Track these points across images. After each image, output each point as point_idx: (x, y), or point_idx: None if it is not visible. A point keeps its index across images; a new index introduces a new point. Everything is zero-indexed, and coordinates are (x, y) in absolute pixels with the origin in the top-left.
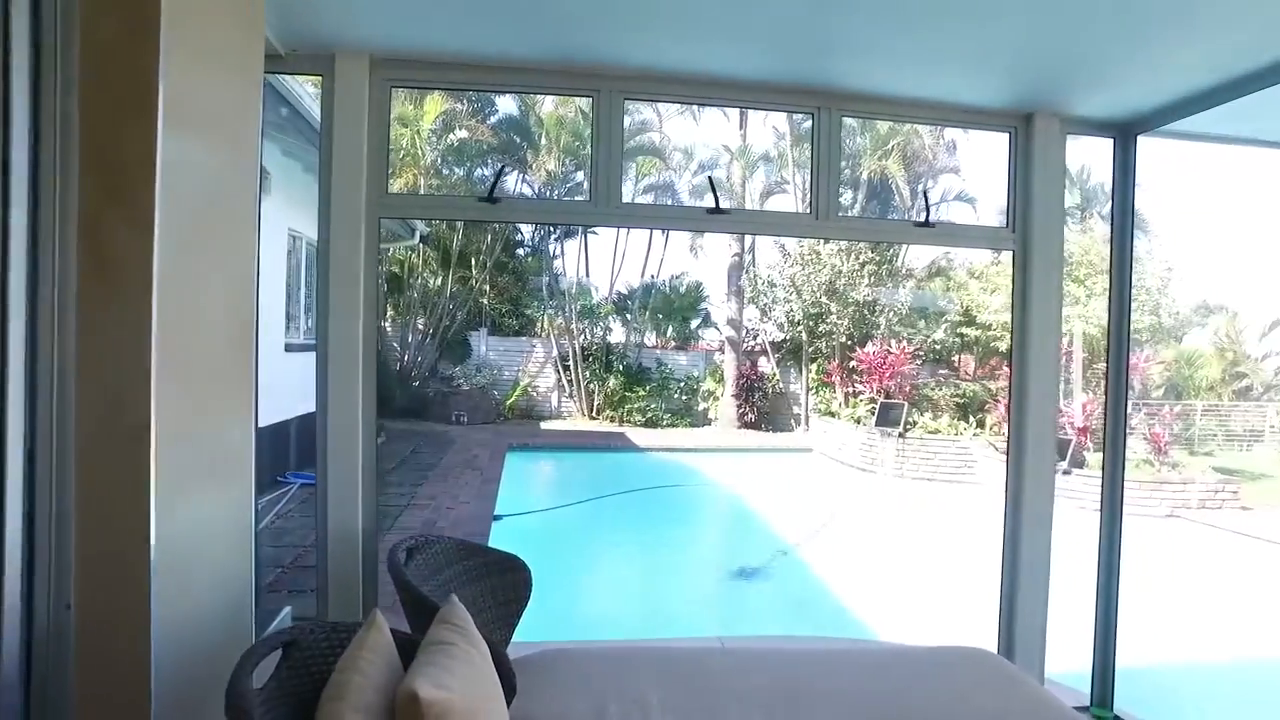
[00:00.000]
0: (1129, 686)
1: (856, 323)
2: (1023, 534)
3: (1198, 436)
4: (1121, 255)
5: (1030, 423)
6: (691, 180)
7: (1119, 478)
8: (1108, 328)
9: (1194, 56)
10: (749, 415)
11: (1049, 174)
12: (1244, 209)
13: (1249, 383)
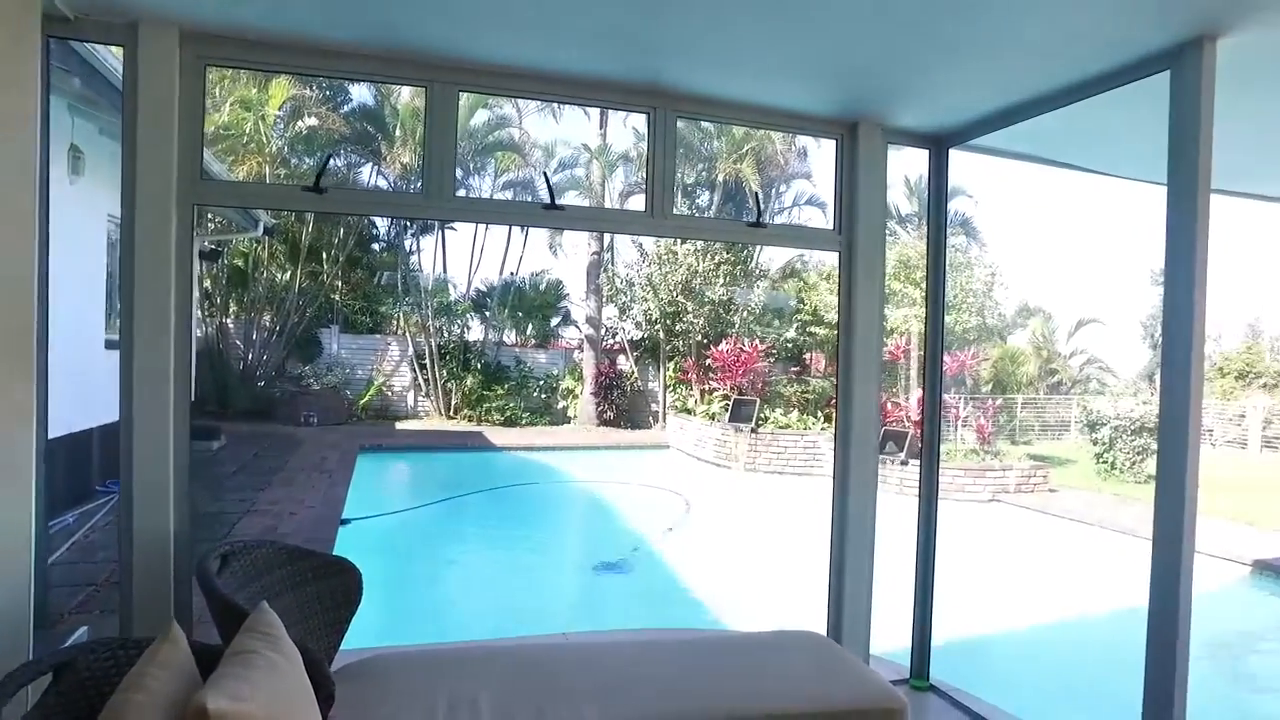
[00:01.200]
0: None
1: (712, 321)
2: (849, 521)
3: (1019, 427)
4: (937, 259)
5: (855, 416)
6: (553, 178)
7: (935, 467)
8: (925, 327)
9: (993, 78)
10: (608, 413)
11: (872, 180)
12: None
13: (1060, 378)
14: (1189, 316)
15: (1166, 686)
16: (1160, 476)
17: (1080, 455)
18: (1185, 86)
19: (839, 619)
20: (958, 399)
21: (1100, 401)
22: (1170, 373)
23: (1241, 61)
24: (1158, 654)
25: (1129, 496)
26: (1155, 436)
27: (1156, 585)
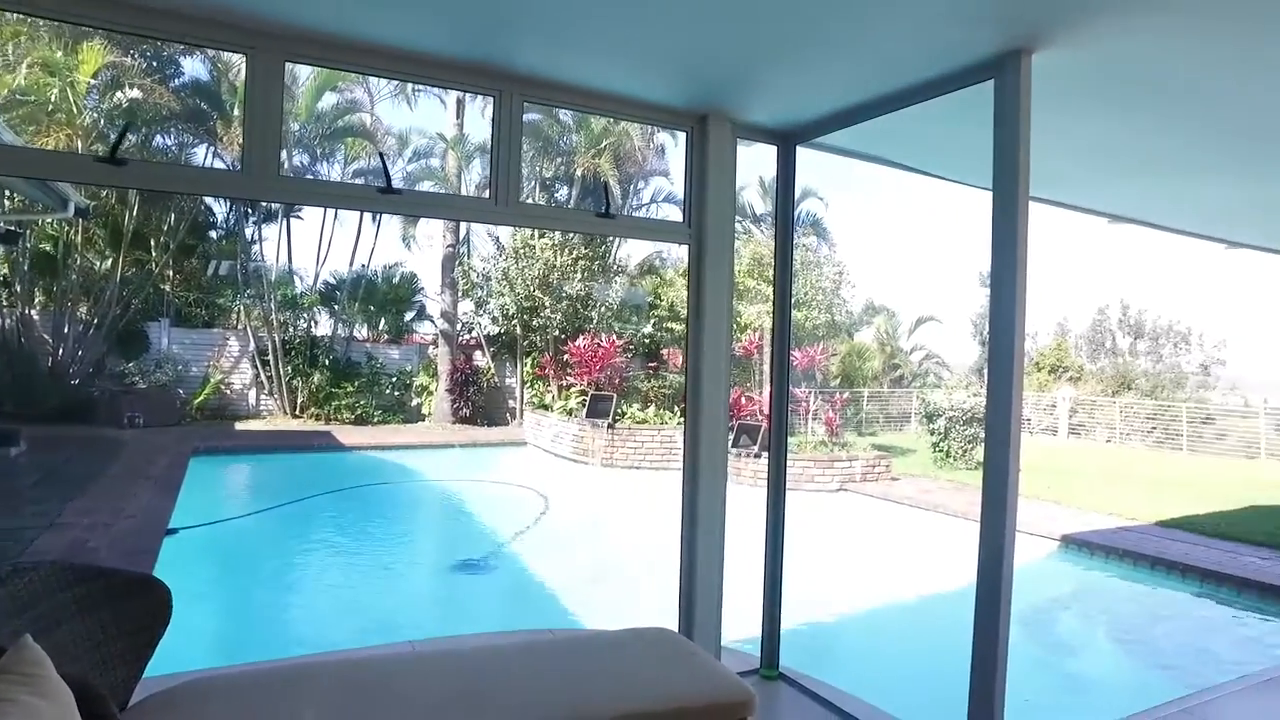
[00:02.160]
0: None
1: (570, 317)
2: (700, 515)
3: (865, 419)
4: (785, 254)
5: (705, 409)
6: (406, 167)
7: (782, 458)
8: (772, 322)
9: (836, 78)
10: (464, 410)
11: (722, 174)
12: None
13: (902, 372)
14: (1011, 315)
15: (990, 654)
16: (987, 462)
17: (919, 445)
18: (1006, 96)
19: (690, 613)
20: (808, 393)
21: (936, 394)
22: (995, 367)
23: (1057, 75)
24: (984, 625)
25: (961, 482)
26: (984, 426)
27: (983, 563)
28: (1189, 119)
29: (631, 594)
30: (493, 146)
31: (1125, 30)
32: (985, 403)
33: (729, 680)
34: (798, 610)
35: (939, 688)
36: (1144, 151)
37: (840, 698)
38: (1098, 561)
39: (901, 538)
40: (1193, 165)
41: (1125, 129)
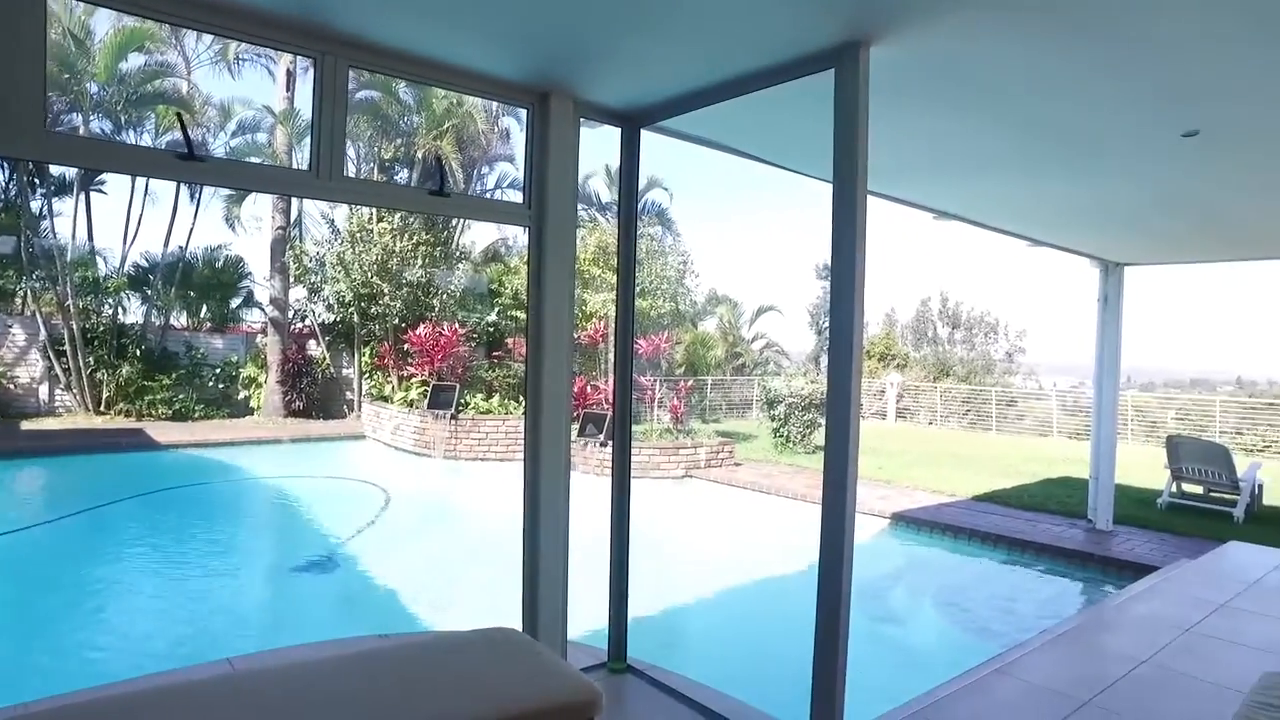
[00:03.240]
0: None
1: (411, 304)
2: (542, 507)
3: (709, 407)
4: (628, 239)
5: (546, 398)
6: (229, 141)
7: (626, 447)
8: (616, 309)
9: (680, 61)
10: (297, 403)
11: (564, 155)
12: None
13: (744, 361)
14: (850, 304)
15: (833, 630)
16: (828, 447)
17: (761, 431)
18: (845, 87)
19: (534, 609)
20: (652, 381)
21: (777, 382)
22: (835, 355)
23: (894, 70)
24: (826, 603)
25: (801, 466)
26: (822, 412)
27: (825, 544)
28: (1007, 121)
29: (478, 590)
30: (314, 114)
31: (956, 29)
32: (825, 390)
33: (573, 679)
34: (647, 600)
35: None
36: (969, 151)
37: (689, 687)
38: (924, 536)
39: (746, 522)
40: (1010, 166)
41: (954, 128)
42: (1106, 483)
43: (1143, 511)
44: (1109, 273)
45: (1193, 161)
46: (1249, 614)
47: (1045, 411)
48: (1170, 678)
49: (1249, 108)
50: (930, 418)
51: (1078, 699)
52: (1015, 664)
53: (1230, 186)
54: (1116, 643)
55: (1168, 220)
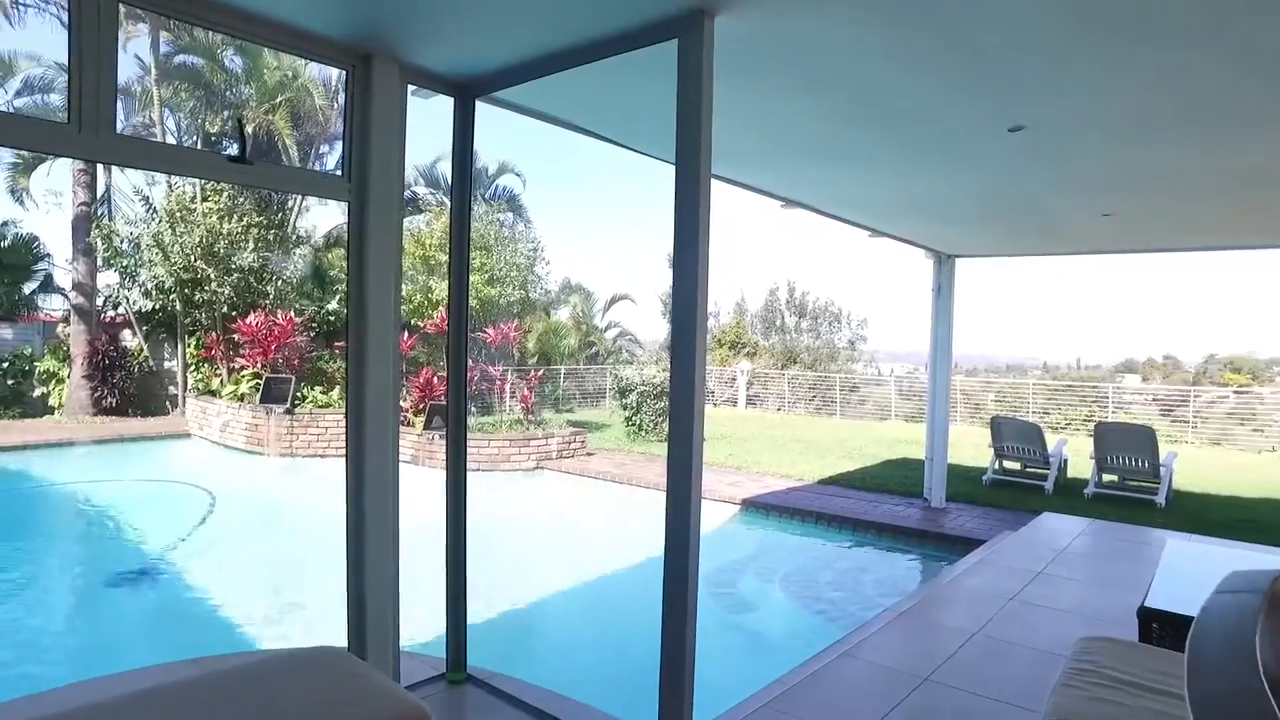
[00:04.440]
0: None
1: (241, 291)
2: (367, 509)
3: (562, 396)
4: (461, 219)
5: (370, 390)
6: (14, 101)
7: (462, 439)
8: (449, 294)
9: (516, 24)
10: (109, 399)
11: (389, 125)
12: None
13: (597, 349)
14: (693, 288)
15: (680, 622)
16: (672, 434)
17: (614, 420)
18: (689, 59)
19: (361, 622)
20: (502, 371)
21: (629, 370)
22: (678, 341)
23: (739, 45)
24: (673, 594)
25: (654, 454)
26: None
27: (671, 533)
28: (850, 109)
29: (314, 598)
30: (71, 56)
31: (800, 5)
32: (669, 376)
33: (398, 701)
34: (493, 602)
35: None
36: (814, 137)
37: (533, 694)
38: (773, 520)
39: (598, 513)
40: (854, 156)
41: (799, 112)
42: (940, 463)
43: (971, 488)
44: (942, 263)
45: (1018, 157)
46: (1061, 579)
47: (884, 396)
48: (999, 647)
49: (1070, 105)
50: (779, 404)
51: (919, 676)
52: (861, 645)
53: (1050, 183)
54: (951, 617)
55: (995, 214)
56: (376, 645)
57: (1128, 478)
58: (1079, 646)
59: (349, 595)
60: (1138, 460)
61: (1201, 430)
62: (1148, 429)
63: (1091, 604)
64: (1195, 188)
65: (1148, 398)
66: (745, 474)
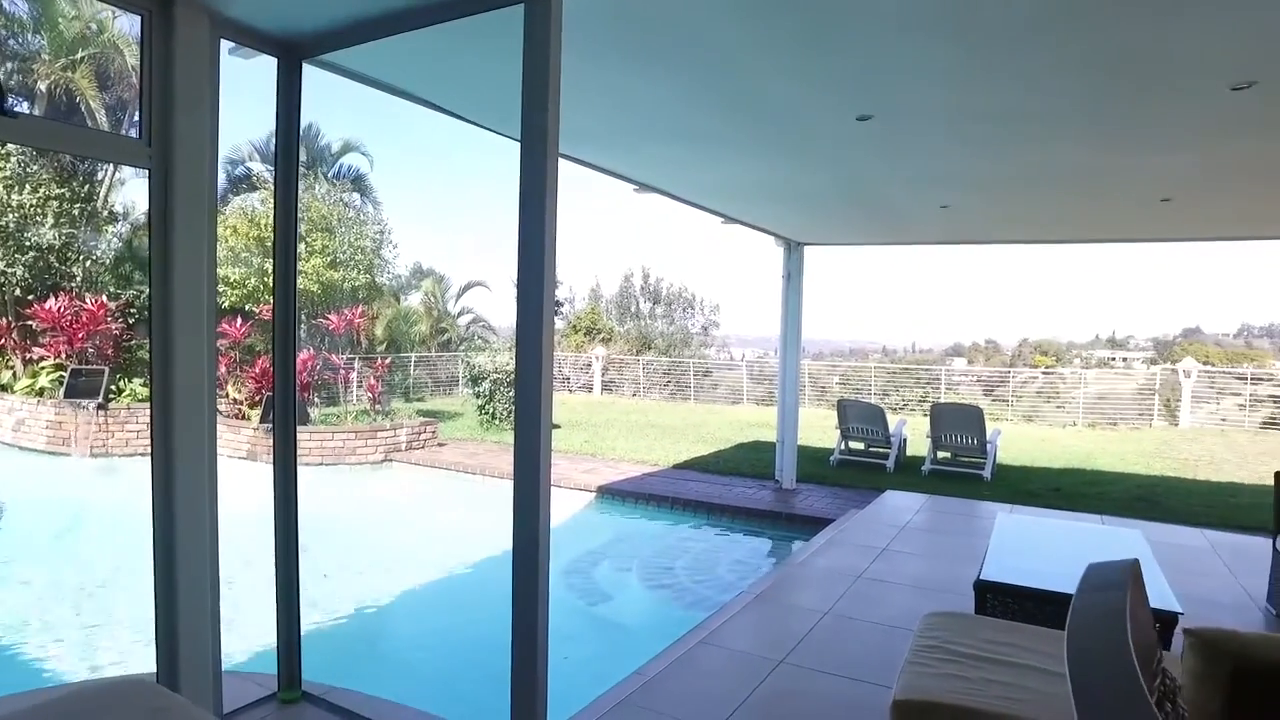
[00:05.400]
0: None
1: (39, 272)
2: (178, 514)
3: (413, 385)
4: (287, 196)
5: (179, 380)
6: None
7: (290, 435)
8: (273, 275)
9: None
10: None
11: (195, 83)
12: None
13: (449, 336)
14: (540, 269)
15: (531, 614)
16: (519, 422)
17: (467, 408)
18: (536, 28)
19: (172, 645)
20: (347, 359)
21: (481, 357)
22: (525, 325)
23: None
24: (523, 585)
25: (507, 443)
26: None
27: (520, 523)
28: (702, 90)
29: (124, 620)
30: None
31: None
32: (515, 362)
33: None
34: (334, 607)
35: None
36: (667, 119)
37: (375, 708)
38: (630, 507)
39: (450, 506)
40: (708, 140)
41: (650, 91)
42: (791, 445)
43: (819, 469)
44: (792, 251)
45: (866, 147)
46: (904, 555)
47: (736, 380)
48: (849, 624)
49: (916, 98)
50: (634, 389)
51: (774, 659)
52: (718, 632)
53: (895, 173)
54: (804, 597)
55: (843, 203)
56: (192, 669)
57: (959, 454)
58: (923, 623)
59: (157, 615)
60: (968, 438)
61: (1016, 408)
62: (976, 409)
63: (932, 577)
64: (1024, 184)
65: (973, 379)
66: (601, 461)
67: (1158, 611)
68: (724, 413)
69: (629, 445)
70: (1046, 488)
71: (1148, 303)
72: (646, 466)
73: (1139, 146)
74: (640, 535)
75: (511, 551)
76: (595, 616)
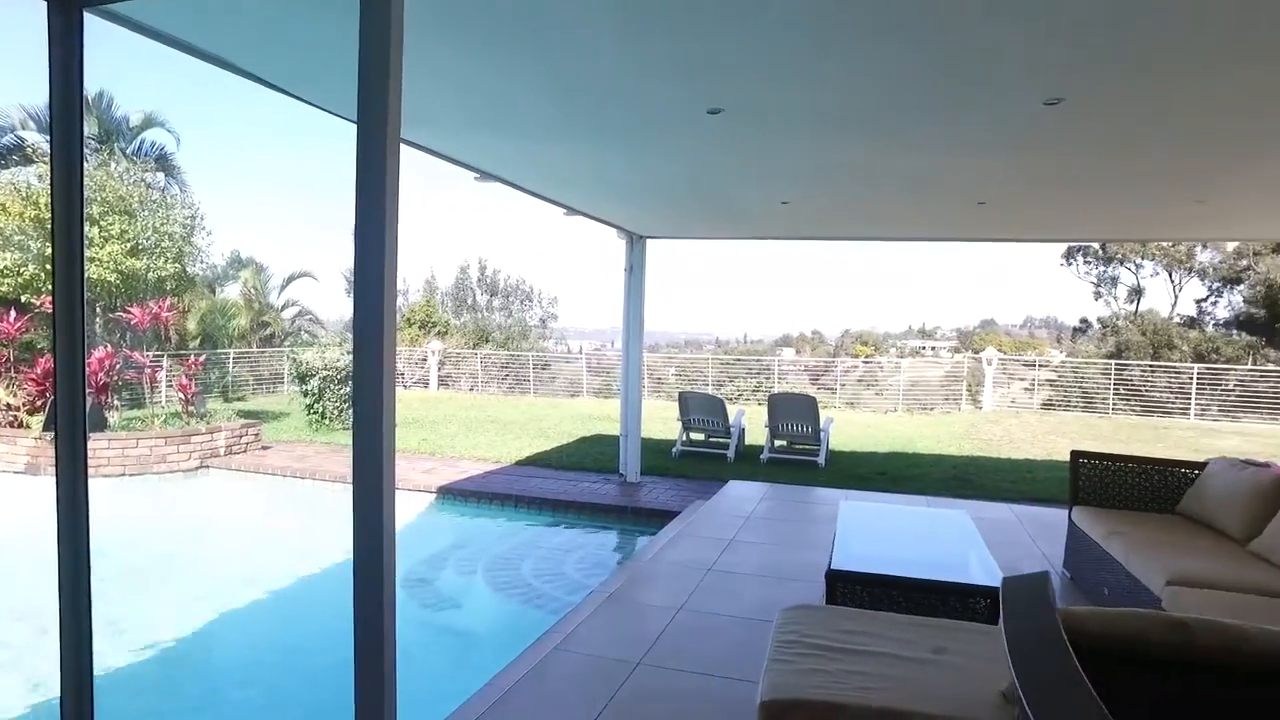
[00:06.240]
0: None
1: None
2: None
3: (232, 383)
4: (68, 171)
5: None
6: None
7: (79, 446)
8: (54, 263)
9: None
10: None
11: None
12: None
13: (273, 330)
14: (380, 259)
15: (376, 628)
16: (357, 422)
17: (295, 408)
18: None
19: None
20: (153, 356)
21: (310, 353)
22: (365, 322)
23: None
24: (366, 598)
25: (340, 444)
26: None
27: (360, 529)
28: (548, 77)
29: None
30: None
31: None
32: (352, 358)
33: None
34: (137, 637)
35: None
36: (511, 104)
37: None
38: (471, 507)
39: (278, 514)
40: (555, 128)
41: (496, 75)
42: (634, 438)
43: (662, 461)
44: (634, 244)
45: (716, 141)
46: (751, 545)
47: (575, 373)
48: (704, 620)
49: (764, 93)
50: (472, 384)
51: (631, 661)
52: (571, 636)
53: (741, 168)
54: (656, 594)
55: (688, 197)
56: None
57: (795, 442)
58: (781, 618)
59: None
60: (803, 426)
61: (841, 395)
62: (811, 398)
63: (780, 566)
64: (861, 183)
65: (801, 368)
66: (440, 459)
67: (989, 588)
68: (564, 406)
69: (469, 442)
70: (874, 471)
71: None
72: (488, 464)
73: (964, 151)
74: (484, 536)
75: (352, 562)
76: (440, 626)
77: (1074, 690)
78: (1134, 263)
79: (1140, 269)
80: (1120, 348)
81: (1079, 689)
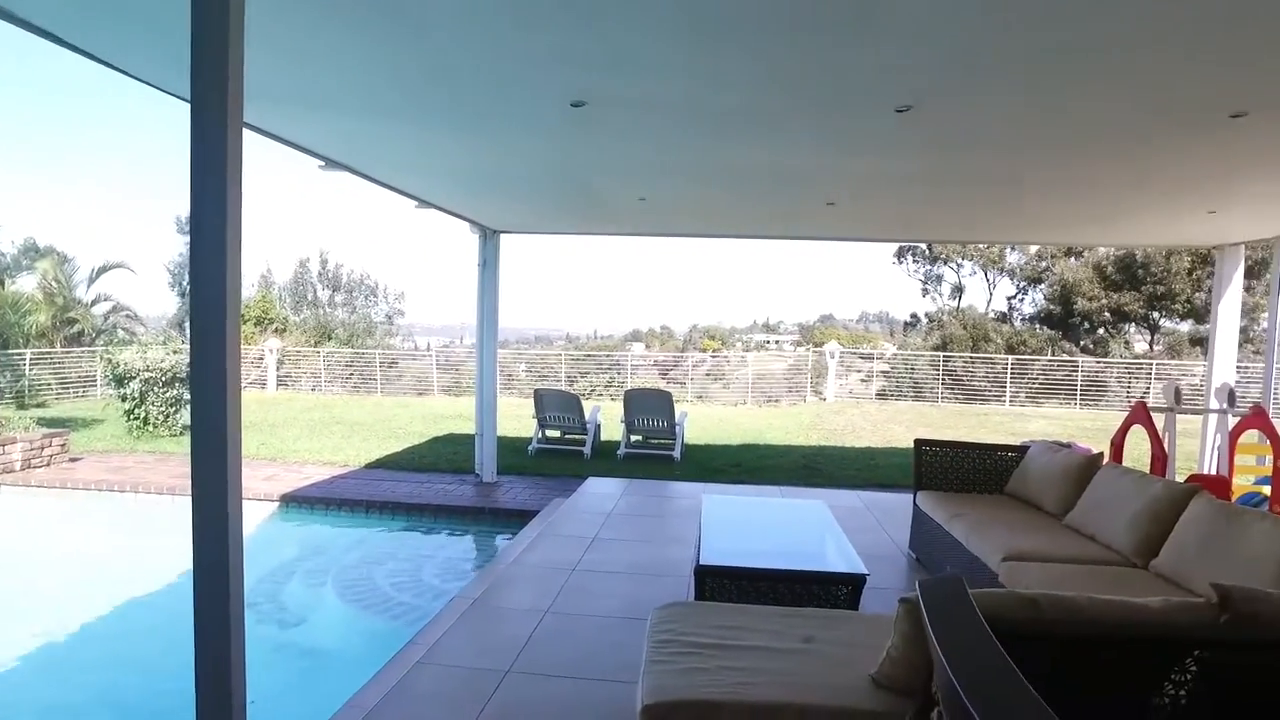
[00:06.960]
0: None
1: None
2: None
3: (30, 388)
4: None
5: None
6: None
7: None
8: None
9: None
10: None
11: None
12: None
13: (81, 328)
14: (222, 247)
15: (222, 655)
16: (196, 427)
17: (109, 414)
18: None
19: None
20: None
21: (129, 353)
22: (202, 317)
23: None
24: (210, 625)
25: (166, 451)
26: (188, 386)
27: (202, 541)
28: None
29: None
30: None
31: None
32: (189, 359)
33: None
34: None
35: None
36: (362, 86)
37: None
38: (318, 515)
39: (92, 534)
40: (406, 115)
41: (345, 53)
42: (490, 437)
43: (518, 459)
44: (488, 238)
45: (576, 133)
46: (614, 542)
47: (424, 371)
48: (571, 622)
49: (629, 87)
50: (314, 383)
51: (500, 670)
52: (435, 648)
53: (601, 162)
54: (521, 598)
55: (545, 191)
56: None
57: (651, 437)
58: (655, 617)
59: None
60: (659, 421)
61: (690, 389)
62: (666, 393)
63: (645, 562)
64: (717, 181)
65: (651, 363)
66: (282, 465)
67: (850, 575)
68: (414, 405)
69: (313, 445)
70: (729, 463)
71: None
72: (335, 468)
73: (819, 152)
74: (334, 545)
75: (193, 583)
76: (289, 644)
77: (1015, 691)
78: (956, 262)
79: (961, 268)
80: (945, 341)
81: (1020, 690)
